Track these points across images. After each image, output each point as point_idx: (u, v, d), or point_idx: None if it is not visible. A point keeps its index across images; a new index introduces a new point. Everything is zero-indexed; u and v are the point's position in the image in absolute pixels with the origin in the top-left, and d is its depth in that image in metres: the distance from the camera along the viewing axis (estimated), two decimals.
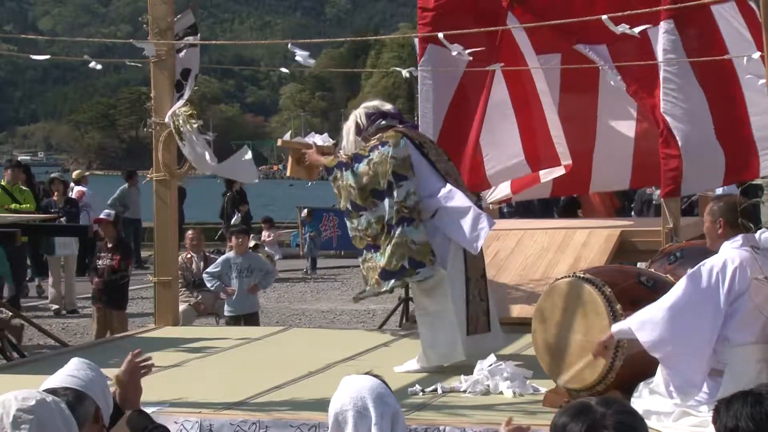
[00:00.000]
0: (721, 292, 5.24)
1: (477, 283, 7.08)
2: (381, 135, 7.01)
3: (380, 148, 6.91)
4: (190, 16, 8.97)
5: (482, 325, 7.09)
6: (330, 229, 21.09)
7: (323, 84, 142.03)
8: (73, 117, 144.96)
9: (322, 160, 7.34)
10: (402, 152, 6.88)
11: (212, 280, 10.26)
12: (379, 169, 6.86)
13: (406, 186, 6.84)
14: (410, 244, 6.80)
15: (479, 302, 7.08)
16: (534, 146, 9.87)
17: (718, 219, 5.47)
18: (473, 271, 7.04)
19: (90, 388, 3.44)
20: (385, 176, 6.85)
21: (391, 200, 6.83)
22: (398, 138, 6.93)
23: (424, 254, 6.82)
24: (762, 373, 5.26)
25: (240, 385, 6.62)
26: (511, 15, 9.02)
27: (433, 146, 7.21)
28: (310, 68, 8.11)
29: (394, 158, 6.85)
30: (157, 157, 9.02)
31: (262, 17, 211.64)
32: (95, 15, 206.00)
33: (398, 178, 6.84)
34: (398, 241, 6.80)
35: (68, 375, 3.47)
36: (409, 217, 6.82)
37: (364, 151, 6.99)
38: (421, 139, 7.16)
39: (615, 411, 2.72)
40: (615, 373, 5.56)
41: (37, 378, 4.18)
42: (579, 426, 2.70)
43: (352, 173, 6.95)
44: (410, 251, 6.80)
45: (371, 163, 6.89)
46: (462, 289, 6.96)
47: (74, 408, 3.31)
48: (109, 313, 10.46)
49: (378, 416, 3.47)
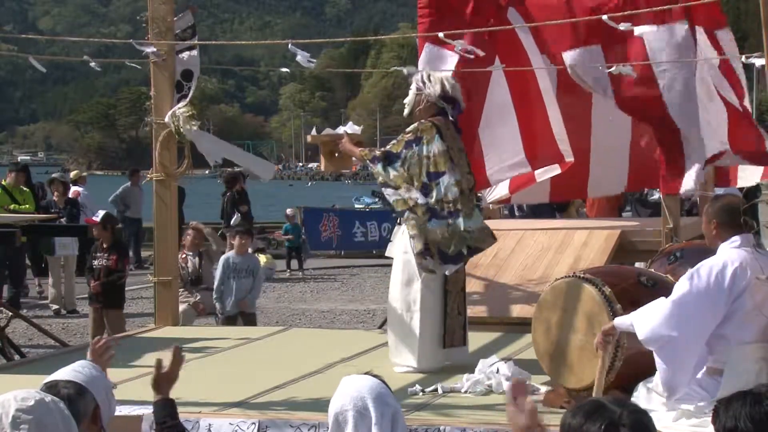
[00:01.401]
0: (720, 292, 5.24)
1: (456, 297, 7.11)
2: (417, 126, 7.01)
3: (414, 147, 6.93)
4: (190, 16, 8.96)
5: (458, 338, 7.12)
6: (330, 229, 21.09)
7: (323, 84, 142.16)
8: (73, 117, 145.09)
9: (357, 151, 7.33)
10: (436, 147, 6.90)
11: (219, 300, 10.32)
12: (414, 171, 6.91)
13: (444, 180, 6.88)
14: (464, 233, 6.86)
15: (457, 316, 7.11)
16: (534, 144, 9.85)
17: (712, 220, 5.49)
18: (453, 285, 7.06)
19: (92, 385, 3.45)
20: (419, 178, 6.89)
21: (425, 200, 6.86)
22: (433, 133, 6.95)
23: (483, 239, 6.98)
24: (762, 372, 5.26)
25: (240, 385, 6.62)
26: (513, 12, 9.00)
27: (460, 155, 7.12)
28: (311, 69, 8.08)
29: (427, 157, 6.89)
30: (156, 157, 9.02)
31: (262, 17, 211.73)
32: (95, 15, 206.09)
33: (433, 177, 6.88)
34: (454, 229, 6.87)
35: (72, 370, 3.52)
36: (455, 210, 6.87)
37: (397, 146, 7.00)
38: (450, 143, 7.03)
39: (631, 410, 2.73)
40: (615, 373, 5.56)
41: (37, 378, 4.18)
42: (597, 426, 2.69)
43: (383, 169, 6.96)
44: (466, 240, 6.88)
45: (406, 164, 6.93)
46: (440, 302, 6.99)
47: (74, 401, 3.32)
48: (106, 312, 10.44)
49: (378, 416, 3.46)
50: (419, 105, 7.15)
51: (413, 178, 6.90)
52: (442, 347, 7.00)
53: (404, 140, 7.00)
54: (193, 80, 8.91)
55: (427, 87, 7.13)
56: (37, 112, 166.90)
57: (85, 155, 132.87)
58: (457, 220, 6.87)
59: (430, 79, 7.18)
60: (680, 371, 5.28)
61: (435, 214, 6.88)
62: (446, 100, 7.13)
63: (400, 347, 7.03)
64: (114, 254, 10.49)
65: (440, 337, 6.99)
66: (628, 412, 2.72)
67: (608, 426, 2.69)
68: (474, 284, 8.84)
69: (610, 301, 5.59)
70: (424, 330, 6.95)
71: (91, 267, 10.54)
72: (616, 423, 2.69)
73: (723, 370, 5.28)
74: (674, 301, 5.26)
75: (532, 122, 9.79)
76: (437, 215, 6.88)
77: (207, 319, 11.12)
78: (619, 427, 2.68)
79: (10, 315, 10.52)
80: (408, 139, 6.99)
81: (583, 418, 2.73)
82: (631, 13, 7.18)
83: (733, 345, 5.29)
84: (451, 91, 7.15)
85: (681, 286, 5.31)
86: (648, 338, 5.29)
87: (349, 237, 21.45)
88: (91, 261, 10.56)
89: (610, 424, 2.69)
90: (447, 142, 7.00)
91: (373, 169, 7.08)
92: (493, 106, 9.42)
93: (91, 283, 10.44)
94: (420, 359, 6.94)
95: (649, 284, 5.76)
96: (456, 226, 6.87)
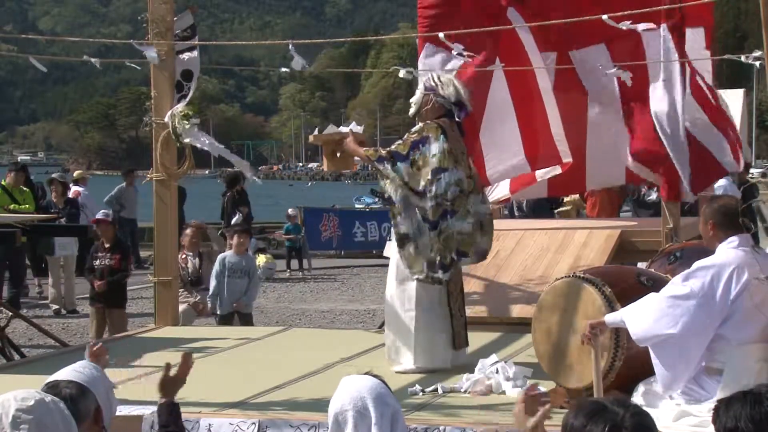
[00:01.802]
0: (715, 294, 5.24)
1: (457, 297, 7.12)
2: (422, 126, 7.00)
3: (421, 148, 6.92)
4: (189, 16, 8.96)
5: (462, 340, 7.13)
6: (330, 230, 21.09)
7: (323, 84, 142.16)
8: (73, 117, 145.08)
9: (361, 151, 7.28)
10: (441, 146, 6.89)
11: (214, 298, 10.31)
12: (424, 170, 6.89)
13: (446, 177, 6.86)
14: (457, 235, 6.87)
15: (459, 317, 7.12)
16: (535, 145, 9.85)
17: (708, 221, 5.49)
18: (453, 286, 7.07)
19: (93, 385, 3.46)
20: (426, 176, 6.88)
21: (430, 194, 6.85)
22: (438, 133, 6.94)
23: (468, 244, 6.93)
24: (762, 372, 5.26)
25: (240, 385, 6.62)
26: (513, 11, 9.00)
27: (462, 158, 7.11)
28: (309, 69, 8.07)
29: (434, 156, 6.88)
30: (157, 157, 9.02)
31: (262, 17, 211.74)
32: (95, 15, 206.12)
33: (437, 172, 6.87)
34: (447, 234, 6.86)
35: (74, 370, 3.52)
36: (451, 210, 6.86)
37: (403, 147, 6.98)
38: (453, 145, 7.01)
39: (633, 413, 2.73)
40: (615, 373, 5.56)
41: (37, 378, 4.18)
42: (599, 427, 2.69)
43: (393, 169, 6.94)
44: (457, 243, 6.88)
45: (414, 166, 6.92)
46: (443, 303, 7.01)
47: (76, 401, 3.33)
48: (109, 312, 10.42)
49: (378, 416, 3.46)
50: (426, 105, 7.14)
51: (421, 177, 6.89)
52: (452, 348, 7.02)
53: (410, 140, 6.99)
54: (193, 80, 8.91)
55: (440, 89, 7.11)
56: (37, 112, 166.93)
57: (85, 155, 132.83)
58: (449, 221, 6.85)
59: (441, 80, 7.17)
60: (672, 368, 5.28)
61: (427, 221, 6.87)
62: (456, 103, 7.13)
63: (398, 346, 7.03)
64: (117, 253, 10.47)
65: (449, 338, 6.99)
66: (631, 414, 2.72)
67: (611, 428, 2.68)
68: (474, 284, 8.85)
69: (610, 301, 5.59)
70: (420, 329, 6.95)
71: (91, 267, 10.51)
72: (618, 425, 2.69)
73: (723, 370, 5.28)
74: (668, 299, 5.26)
75: (532, 122, 9.79)
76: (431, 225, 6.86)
77: (207, 319, 11.12)
78: (621, 429, 2.68)
79: (10, 315, 10.51)
80: (414, 139, 6.98)
81: (585, 419, 2.72)
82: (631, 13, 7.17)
83: (733, 345, 5.29)
84: (464, 94, 7.15)
85: (676, 285, 5.31)
86: (641, 337, 5.30)
87: (349, 237, 21.45)
88: (92, 261, 10.53)
89: (613, 427, 2.68)
90: (450, 145, 6.99)
91: (380, 170, 7.00)
92: (494, 106, 9.42)
93: (96, 283, 10.40)
94: (417, 358, 6.93)
95: (649, 284, 5.76)
96: (449, 228, 6.85)
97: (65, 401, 3.27)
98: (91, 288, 10.66)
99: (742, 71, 38.74)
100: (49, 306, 14.33)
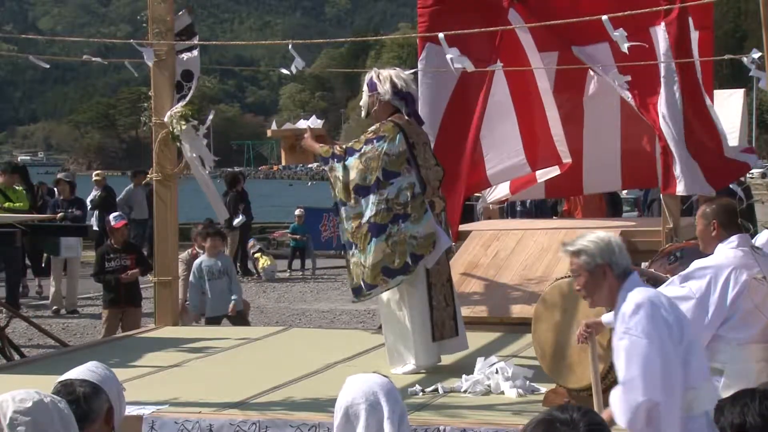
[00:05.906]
0: (714, 293, 5.23)
1: (442, 288, 7.07)
2: (379, 126, 6.96)
3: (375, 143, 6.87)
4: (187, 17, 8.94)
5: (449, 330, 7.07)
6: (330, 230, 21.07)
7: (323, 84, 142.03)
8: (73, 117, 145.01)
9: (317, 147, 7.19)
10: (396, 148, 6.84)
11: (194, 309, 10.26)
12: (371, 164, 6.83)
13: (398, 182, 6.82)
14: (410, 239, 6.80)
15: (444, 307, 7.07)
16: (534, 145, 9.86)
17: (712, 221, 5.47)
18: (437, 277, 7.03)
19: (106, 385, 3.45)
20: (374, 172, 6.82)
21: (376, 197, 6.80)
22: (395, 133, 6.87)
23: (426, 246, 6.85)
24: (762, 372, 5.26)
25: (240, 385, 6.62)
26: (513, 12, 8.99)
27: (424, 149, 7.08)
28: (309, 70, 8.08)
29: (387, 155, 6.82)
30: (156, 157, 9.01)
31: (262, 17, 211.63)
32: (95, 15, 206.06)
33: (388, 176, 6.81)
34: (397, 239, 6.81)
35: (87, 369, 3.51)
36: (403, 213, 6.81)
37: (358, 144, 6.95)
38: (415, 139, 7.01)
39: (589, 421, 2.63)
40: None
41: (37, 378, 4.19)
42: None
43: (342, 166, 6.92)
44: (411, 247, 6.81)
45: (363, 157, 6.86)
46: (425, 296, 6.96)
47: (90, 400, 3.33)
48: (126, 311, 10.35)
49: (390, 411, 3.47)
50: (374, 106, 7.07)
51: (369, 171, 6.83)
52: (432, 341, 6.98)
53: (365, 139, 6.95)
54: (194, 81, 8.89)
55: (378, 87, 7.03)
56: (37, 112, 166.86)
57: (84, 155, 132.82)
58: (402, 225, 6.81)
59: (380, 78, 7.07)
60: None
61: (375, 229, 6.82)
62: (399, 96, 7.04)
63: (398, 347, 7.01)
64: (132, 253, 10.46)
65: (429, 331, 6.97)
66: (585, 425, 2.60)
67: None
68: (474, 284, 8.85)
69: None
70: (415, 326, 6.94)
71: (102, 270, 10.41)
72: None
73: (723, 371, 5.28)
74: None
75: (531, 123, 9.80)
76: (377, 229, 6.82)
77: None
78: None
79: (10, 315, 10.51)
80: (369, 137, 6.94)
81: None
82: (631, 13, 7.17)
83: (734, 345, 5.29)
84: (403, 86, 7.03)
85: (674, 286, 5.30)
86: None
87: None
88: (103, 264, 10.41)
89: None
90: (412, 139, 6.93)
91: (330, 167, 6.97)
92: (494, 107, 9.43)
93: (125, 275, 10.18)
94: (417, 356, 6.93)
95: (648, 284, 5.74)
96: (401, 232, 6.80)
97: (79, 400, 3.29)
98: (106, 291, 10.48)
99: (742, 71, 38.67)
100: (49, 306, 14.31)
